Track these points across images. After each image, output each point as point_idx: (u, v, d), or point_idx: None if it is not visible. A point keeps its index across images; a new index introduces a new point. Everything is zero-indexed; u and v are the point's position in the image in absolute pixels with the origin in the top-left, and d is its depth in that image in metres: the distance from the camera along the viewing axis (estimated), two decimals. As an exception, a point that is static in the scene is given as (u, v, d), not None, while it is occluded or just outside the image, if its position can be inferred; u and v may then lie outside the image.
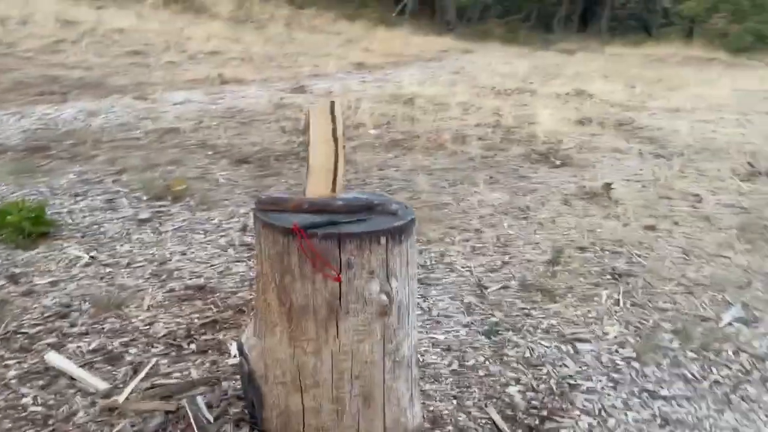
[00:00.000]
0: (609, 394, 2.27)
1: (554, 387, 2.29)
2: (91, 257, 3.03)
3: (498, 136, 6.31)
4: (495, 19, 30.65)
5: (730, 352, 2.59)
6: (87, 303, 2.60)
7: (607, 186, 4.51)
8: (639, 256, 3.52)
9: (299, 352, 1.79)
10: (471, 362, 2.41)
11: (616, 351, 2.55)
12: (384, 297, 1.74)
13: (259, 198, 1.77)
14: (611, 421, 2.12)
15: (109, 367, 2.21)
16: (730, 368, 2.49)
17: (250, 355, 1.89)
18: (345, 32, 18.49)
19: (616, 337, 2.66)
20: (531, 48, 22.62)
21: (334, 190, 1.81)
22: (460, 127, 6.52)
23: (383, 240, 1.71)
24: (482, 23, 29.40)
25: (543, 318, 2.78)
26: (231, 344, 2.40)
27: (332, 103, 1.77)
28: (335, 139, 1.75)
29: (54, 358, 2.19)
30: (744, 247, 3.74)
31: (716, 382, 2.39)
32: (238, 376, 2.19)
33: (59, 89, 7.29)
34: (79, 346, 2.31)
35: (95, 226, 3.38)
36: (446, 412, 2.12)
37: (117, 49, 10.76)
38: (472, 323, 2.70)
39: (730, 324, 2.84)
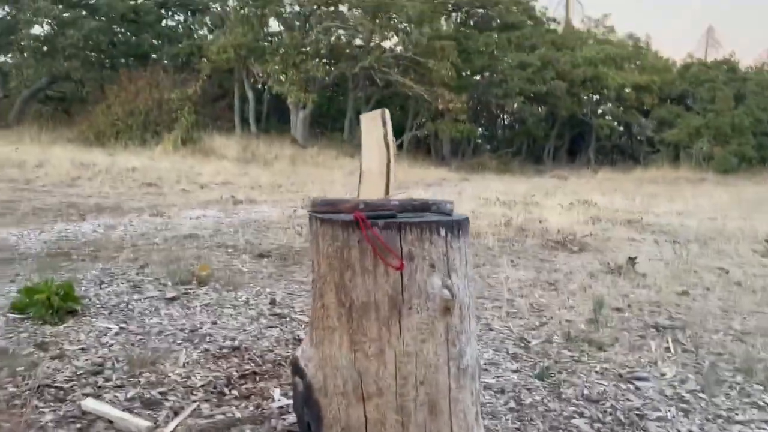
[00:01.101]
0: (682, 422, 2.13)
1: (622, 418, 2.15)
2: (121, 328, 2.94)
3: (511, 231, 6.38)
4: (488, 152, 32.08)
5: (798, 384, 2.46)
6: (120, 362, 2.49)
7: (632, 260, 4.49)
8: (678, 314, 3.44)
9: (360, 356, 1.70)
10: (528, 401, 2.28)
11: (679, 386, 2.42)
12: (446, 291, 1.69)
13: (314, 200, 1.78)
14: (691, 443, 1.97)
15: (149, 412, 2.08)
16: (802, 398, 2.35)
17: (307, 369, 1.79)
18: (347, 166, 19.21)
19: (675, 375, 2.53)
20: (525, 176, 23.46)
21: (387, 192, 1.83)
22: (472, 227, 6.59)
23: (443, 232, 1.69)
24: (476, 157, 30.69)
25: (595, 363, 2.66)
26: (274, 391, 2.27)
27: (383, 111, 1.83)
28: (386, 144, 1.80)
29: (91, 404, 2.07)
30: (782, 305, 3.67)
31: (792, 408, 2.25)
32: (285, 417, 2.06)
33: (77, 212, 7.44)
34: (116, 395, 2.18)
35: (123, 304, 3.31)
36: (512, 442, 1.96)
37: (131, 182, 11.12)
38: (521, 369, 2.58)
39: (789, 363, 2.71)
